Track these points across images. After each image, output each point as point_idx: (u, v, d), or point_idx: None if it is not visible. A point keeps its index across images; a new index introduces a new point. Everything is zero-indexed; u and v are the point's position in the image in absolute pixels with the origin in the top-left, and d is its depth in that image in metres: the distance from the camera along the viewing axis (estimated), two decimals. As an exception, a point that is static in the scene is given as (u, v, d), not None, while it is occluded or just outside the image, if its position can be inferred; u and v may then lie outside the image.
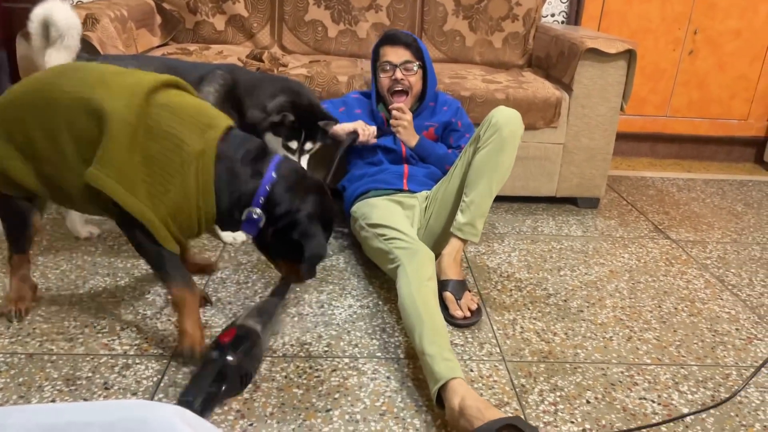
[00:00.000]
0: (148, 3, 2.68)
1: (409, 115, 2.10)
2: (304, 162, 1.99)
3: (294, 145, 1.95)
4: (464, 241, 1.85)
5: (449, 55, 2.94)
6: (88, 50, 2.06)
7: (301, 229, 1.39)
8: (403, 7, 2.87)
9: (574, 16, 3.24)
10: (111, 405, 0.49)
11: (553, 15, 3.27)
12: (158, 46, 2.66)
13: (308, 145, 1.98)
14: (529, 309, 1.84)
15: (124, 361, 1.48)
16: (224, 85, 1.96)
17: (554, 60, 2.68)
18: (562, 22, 3.29)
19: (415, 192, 2.05)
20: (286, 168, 1.42)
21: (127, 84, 1.34)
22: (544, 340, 1.69)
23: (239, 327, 1.40)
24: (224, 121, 1.40)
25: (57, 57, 1.84)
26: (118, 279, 1.85)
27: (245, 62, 2.47)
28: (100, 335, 1.57)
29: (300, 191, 1.41)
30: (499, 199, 2.71)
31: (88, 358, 1.48)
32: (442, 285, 1.78)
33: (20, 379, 1.39)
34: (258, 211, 1.38)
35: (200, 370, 1.31)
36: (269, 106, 1.92)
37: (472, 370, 1.53)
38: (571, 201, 2.75)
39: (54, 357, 1.47)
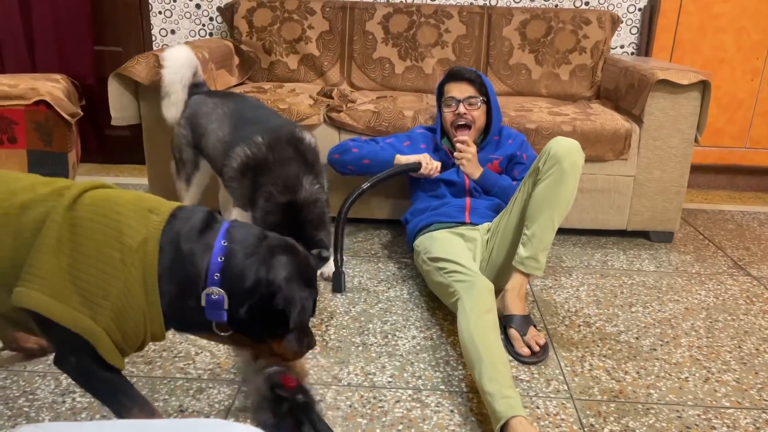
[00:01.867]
0: (227, 45, 2.84)
1: (473, 148, 2.12)
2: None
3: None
4: (527, 275, 1.84)
5: (515, 89, 2.95)
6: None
7: (284, 295, 1.14)
8: (469, 43, 2.92)
9: (645, 47, 3.19)
10: (192, 422, 0.53)
11: (622, 46, 3.23)
12: (235, 85, 2.81)
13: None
14: (598, 346, 1.79)
15: (198, 384, 1.54)
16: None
17: (624, 92, 2.65)
18: (632, 54, 3.24)
19: (477, 224, 2.06)
20: (239, 233, 1.17)
21: (55, 189, 1.15)
22: (614, 378, 1.63)
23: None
24: (169, 204, 1.18)
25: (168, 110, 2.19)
26: (193, 306, 1.94)
27: (316, 99, 2.57)
28: (176, 359, 1.65)
29: (264, 254, 1.15)
30: (567, 231, 2.66)
31: (165, 381, 1.55)
32: (507, 320, 1.77)
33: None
34: (215, 289, 1.11)
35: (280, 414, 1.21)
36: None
37: (538, 407, 1.50)
38: (643, 235, 2.67)
39: (134, 379, 1.56)
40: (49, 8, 3.08)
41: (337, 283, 2.07)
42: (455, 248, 1.87)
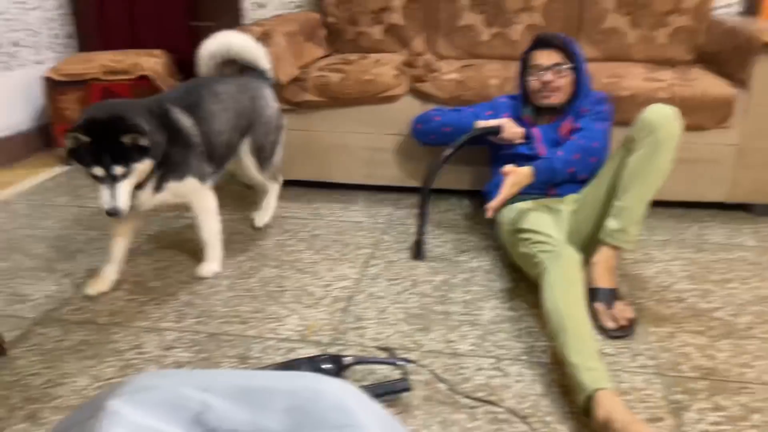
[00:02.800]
0: (314, 18, 2.90)
1: (510, 176, 1.91)
2: (123, 191, 1.65)
3: (99, 172, 1.63)
4: (616, 248, 1.78)
5: (607, 54, 2.82)
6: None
7: None
8: (559, 7, 2.81)
9: (752, 6, 2.95)
10: (292, 375, 0.57)
11: (729, 6, 3.00)
12: (322, 57, 2.87)
13: (118, 169, 1.63)
14: (690, 322, 1.73)
15: (288, 345, 1.63)
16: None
17: (728, 55, 2.47)
18: (739, 14, 3.01)
19: (562, 196, 2.01)
20: None
21: None
22: (706, 356, 1.58)
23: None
24: None
25: None
26: (283, 271, 2.04)
27: (400, 69, 2.58)
28: (267, 321, 1.75)
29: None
30: (660, 203, 2.55)
31: (258, 341, 1.66)
32: (593, 294, 1.73)
33: (203, 355, 1.60)
34: None
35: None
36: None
37: (623, 382, 1.48)
38: (745, 208, 2.51)
39: (230, 337, 1.67)
40: (149, -13, 3.25)
41: (418, 252, 2.10)
42: (540, 219, 1.85)
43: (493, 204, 1.89)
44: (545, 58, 2.08)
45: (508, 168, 1.91)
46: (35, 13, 3.23)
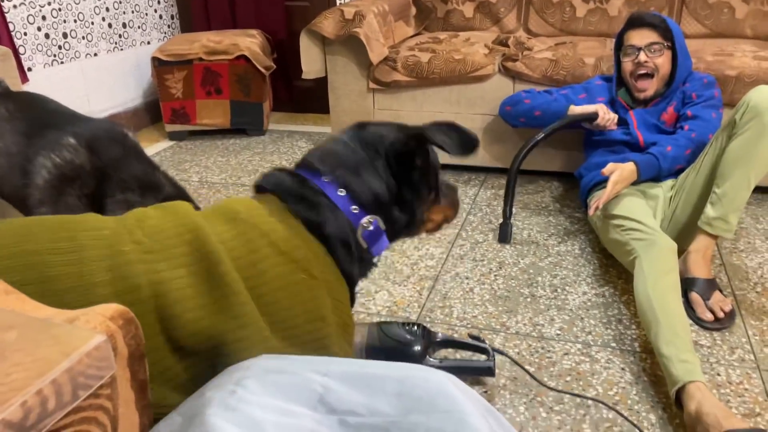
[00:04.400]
0: (405, -4, 2.91)
1: (615, 174, 1.81)
2: None
3: None
4: (714, 237, 1.72)
5: (714, 30, 2.66)
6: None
7: (415, 140, 1.06)
8: (662, -19, 2.68)
9: None
10: (400, 365, 0.62)
11: None
12: (412, 36, 2.88)
13: None
14: (794, 317, 1.65)
15: (378, 319, 1.70)
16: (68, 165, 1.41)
17: None
18: None
19: (659, 181, 1.94)
20: (325, 159, 1.06)
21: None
22: (811, 354, 1.50)
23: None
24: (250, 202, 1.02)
25: None
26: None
27: (491, 48, 2.56)
28: (358, 296, 1.82)
29: (357, 154, 1.06)
30: (763, 190, 2.41)
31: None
32: (689, 284, 1.68)
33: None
34: (366, 220, 1.03)
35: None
36: None
37: (719, 375, 1.44)
38: None
39: (323, 309, 1.76)
40: (246, -32, 3.36)
41: (504, 234, 2.10)
42: (634, 205, 1.80)
43: (597, 202, 1.81)
44: (639, 38, 2.00)
45: (611, 166, 1.82)
46: (143, -4, 3.43)
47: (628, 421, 1.30)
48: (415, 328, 1.42)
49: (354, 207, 1.02)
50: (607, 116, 2.04)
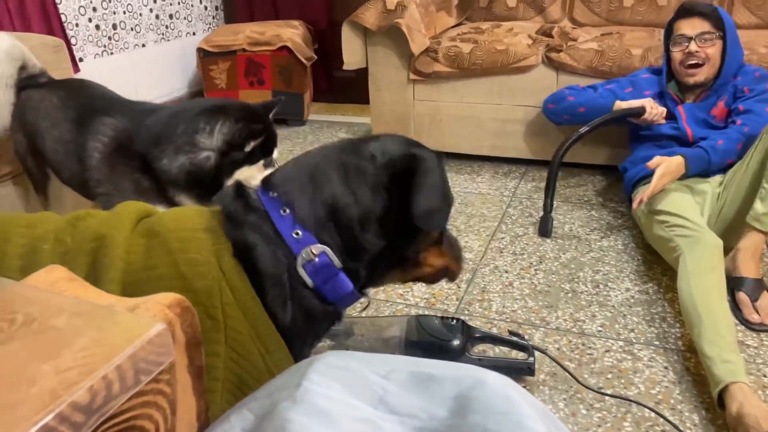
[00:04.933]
0: (447, -14, 2.88)
1: (662, 167, 1.76)
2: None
3: (275, 154, 1.53)
4: (764, 234, 1.66)
5: (767, 20, 2.57)
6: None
7: (416, 161, 0.86)
8: (715, -31, 2.59)
9: None
10: (457, 365, 0.63)
11: None
12: (454, 26, 2.86)
13: (275, 152, 1.53)
14: None
15: (416, 310, 1.71)
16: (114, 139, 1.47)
17: None
18: None
19: (708, 176, 1.89)
20: (278, 176, 0.89)
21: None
22: None
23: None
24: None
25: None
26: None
27: (535, 38, 2.52)
28: (397, 286, 1.84)
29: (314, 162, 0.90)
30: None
31: (387, 304, 1.75)
32: (736, 283, 1.64)
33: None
34: (311, 250, 0.82)
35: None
36: (222, 139, 1.39)
37: (765, 376, 1.41)
38: None
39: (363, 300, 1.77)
40: (289, -41, 3.39)
41: (544, 228, 2.08)
42: (680, 200, 1.76)
43: (642, 196, 1.77)
44: (690, 27, 1.95)
45: (657, 159, 1.78)
46: (188, -13, 3.49)
47: (668, 421, 1.28)
48: (454, 322, 1.42)
49: (296, 231, 0.82)
50: (655, 111, 2.00)
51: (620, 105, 2.05)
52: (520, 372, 1.41)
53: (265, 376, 0.79)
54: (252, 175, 1.43)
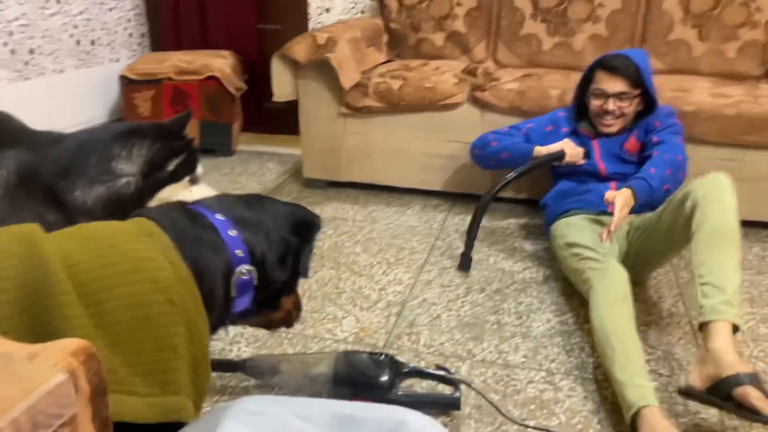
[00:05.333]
0: (377, 23, 2.95)
1: (618, 200, 1.77)
2: (206, 189, 1.50)
3: (199, 171, 1.51)
4: (729, 323, 1.40)
5: (673, 67, 2.77)
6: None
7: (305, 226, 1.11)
8: (624, 18, 2.78)
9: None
10: (379, 406, 0.63)
11: (804, 18, 2.89)
12: (384, 62, 2.92)
13: (199, 168, 1.51)
14: (749, 346, 1.70)
15: (344, 345, 1.70)
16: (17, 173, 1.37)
17: (802, 71, 2.40)
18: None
19: (654, 207, 1.90)
20: (218, 204, 1.05)
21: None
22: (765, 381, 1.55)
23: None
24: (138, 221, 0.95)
25: None
26: (340, 273, 2.11)
27: (460, 77, 2.61)
28: (325, 321, 1.82)
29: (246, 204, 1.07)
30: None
31: (315, 340, 1.73)
32: (730, 383, 1.30)
33: (263, 351, 1.67)
34: (245, 268, 0.98)
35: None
36: (141, 162, 1.36)
37: (677, 403, 1.47)
38: (813, 230, 2.43)
39: (289, 335, 1.74)
40: (220, -10, 3.37)
41: (464, 265, 2.11)
42: (592, 235, 1.84)
43: (610, 229, 1.74)
44: (610, 84, 2.00)
45: (609, 194, 1.78)
46: (112, 14, 3.40)
47: (589, 449, 1.32)
48: (383, 357, 1.42)
49: (239, 251, 0.98)
50: (574, 152, 2.07)
51: (540, 150, 2.10)
52: (447, 406, 1.42)
53: (206, 355, 0.91)
54: (176, 192, 1.43)
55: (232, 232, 0.98)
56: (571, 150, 2.07)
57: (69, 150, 1.39)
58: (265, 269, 1.01)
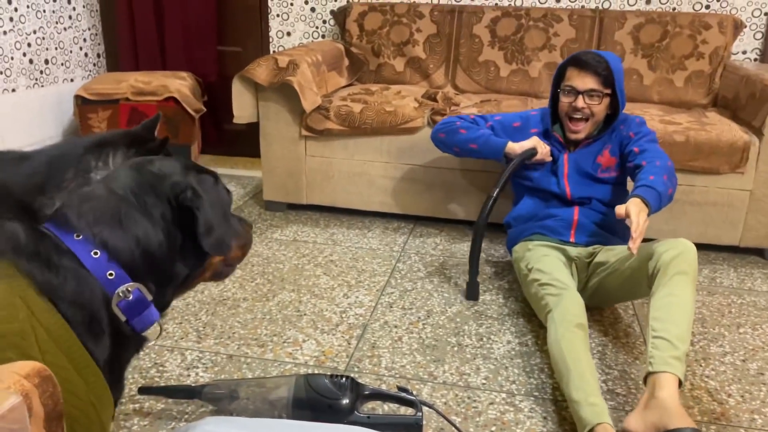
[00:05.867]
0: (338, 47, 2.98)
1: (640, 225, 1.68)
2: None
3: None
4: (676, 376, 1.42)
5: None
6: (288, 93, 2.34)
7: (190, 192, 0.95)
8: (578, 47, 2.88)
9: (770, 52, 3.01)
10: (340, 428, 0.62)
11: (744, 52, 3.06)
12: (345, 86, 2.94)
13: None
14: (701, 365, 1.75)
15: (305, 369, 1.67)
16: None
17: (743, 101, 2.52)
18: (756, 60, 3.06)
19: (581, 243, 1.97)
20: (72, 213, 0.91)
21: None
22: (716, 400, 1.60)
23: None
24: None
25: None
26: (300, 295, 2.08)
27: (421, 102, 2.65)
28: (285, 344, 1.79)
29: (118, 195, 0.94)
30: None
31: (276, 364, 1.69)
32: None
33: (222, 376, 1.63)
34: (124, 288, 0.88)
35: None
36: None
37: (633, 422, 1.50)
38: (757, 252, 2.54)
39: (249, 360, 1.71)
40: (179, 12, 3.35)
41: (472, 293, 2.09)
42: (552, 262, 1.86)
43: (633, 237, 1.65)
44: (581, 81, 1.95)
45: (620, 209, 1.71)
46: (68, 33, 3.33)
47: (551, 470, 1.32)
48: (344, 380, 1.40)
49: (111, 272, 0.87)
50: (545, 150, 2.04)
51: (513, 147, 2.05)
52: (408, 428, 1.40)
53: (89, 408, 0.81)
54: None
55: (95, 253, 0.86)
56: (542, 148, 2.04)
57: (41, 165, 1.34)
58: (157, 271, 0.92)
